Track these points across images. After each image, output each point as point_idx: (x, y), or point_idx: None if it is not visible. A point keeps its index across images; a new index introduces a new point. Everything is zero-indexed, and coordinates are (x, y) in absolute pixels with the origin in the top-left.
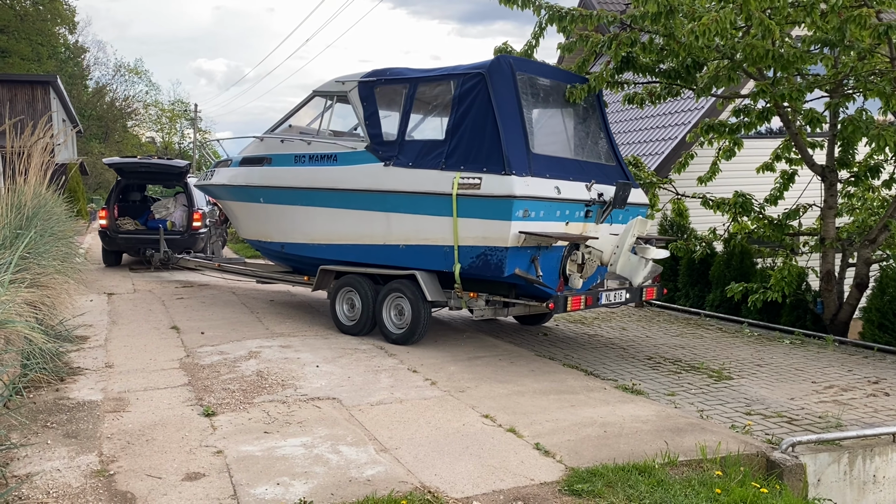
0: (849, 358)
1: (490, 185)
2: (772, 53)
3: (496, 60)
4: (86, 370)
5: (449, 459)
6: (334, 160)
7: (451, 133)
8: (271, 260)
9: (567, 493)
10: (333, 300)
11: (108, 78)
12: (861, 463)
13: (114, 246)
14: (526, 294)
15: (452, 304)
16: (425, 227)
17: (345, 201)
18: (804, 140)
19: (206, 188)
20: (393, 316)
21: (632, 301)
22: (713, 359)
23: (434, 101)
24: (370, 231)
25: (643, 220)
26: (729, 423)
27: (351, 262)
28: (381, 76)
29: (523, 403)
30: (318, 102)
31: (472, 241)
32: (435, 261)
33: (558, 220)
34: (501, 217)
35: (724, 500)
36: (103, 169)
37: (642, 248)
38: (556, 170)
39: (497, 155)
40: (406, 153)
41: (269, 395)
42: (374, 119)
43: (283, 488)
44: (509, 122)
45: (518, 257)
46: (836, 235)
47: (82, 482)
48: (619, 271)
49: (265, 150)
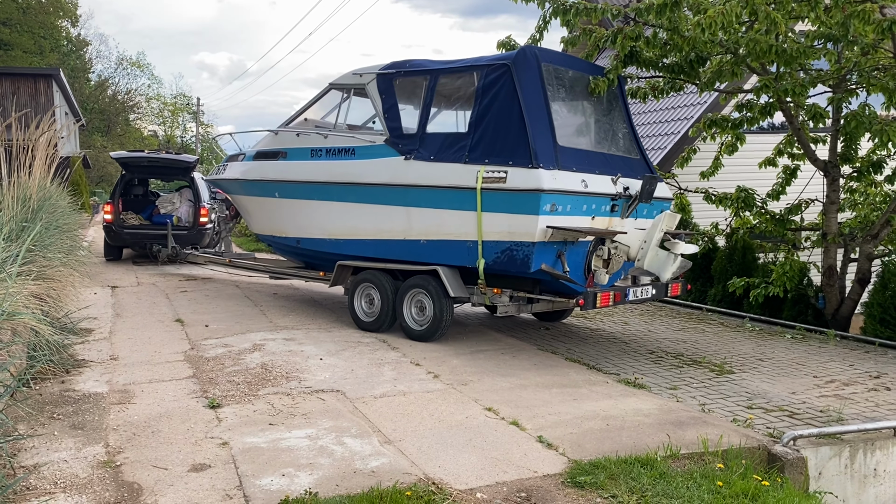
0: (850, 353)
1: (516, 179)
2: (775, 48)
3: (521, 51)
4: (91, 362)
5: (452, 452)
6: (352, 154)
7: (475, 126)
8: (284, 255)
9: (570, 486)
10: (352, 296)
11: (111, 71)
12: (862, 457)
13: (119, 241)
14: (550, 290)
15: (475, 300)
16: (448, 221)
17: (363, 196)
18: (807, 135)
19: (217, 183)
20: (414, 312)
21: (658, 297)
22: (715, 353)
23: (456, 94)
24: (390, 226)
25: (672, 215)
26: (730, 417)
27: (370, 257)
28: (401, 68)
29: (526, 397)
30: (334, 95)
31: (497, 235)
32: (458, 256)
33: (585, 214)
34: (528, 211)
35: (725, 492)
36: (105, 162)
37: (671, 244)
38: (582, 163)
39: (524, 148)
40: (427, 146)
41: (273, 388)
42: (394, 112)
43: (288, 479)
44: (535, 115)
45: (545, 252)
46: (838, 231)
47: (89, 473)
48: (647, 267)
49: (280, 143)
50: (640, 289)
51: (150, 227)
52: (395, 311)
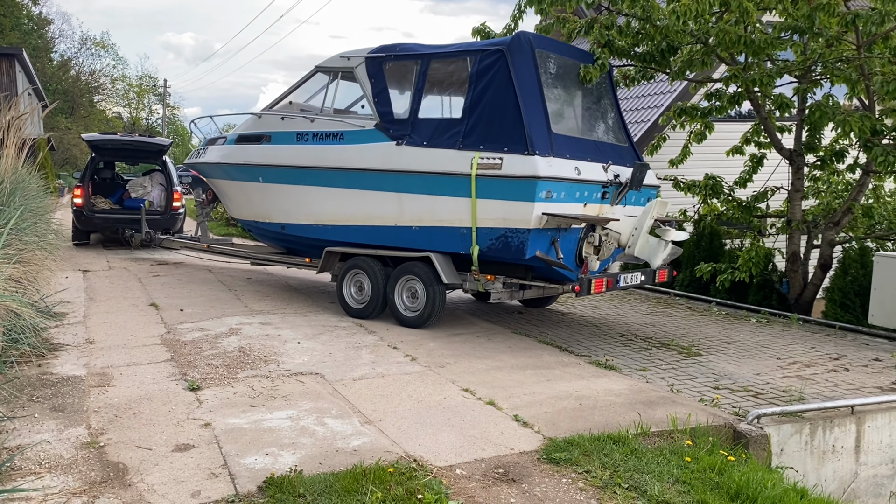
0: (812, 336)
1: (512, 166)
2: (744, 39)
3: (516, 37)
4: (67, 346)
5: (432, 431)
6: (340, 138)
7: (469, 111)
8: (266, 241)
9: (546, 462)
10: (340, 283)
11: (74, 51)
12: (821, 434)
13: (89, 225)
14: (542, 277)
15: (468, 287)
16: (441, 207)
17: (353, 181)
18: (773, 124)
19: (196, 166)
20: (405, 299)
21: (646, 283)
22: (683, 336)
23: (449, 79)
24: (380, 212)
25: (663, 202)
26: (698, 397)
27: (359, 243)
28: (391, 52)
29: (501, 378)
30: (320, 79)
31: (492, 222)
32: (451, 243)
33: (577, 201)
34: (524, 198)
35: (693, 467)
36: (70, 144)
37: (662, 230)
38: (574, 150)
39: (519, 134)
40: (419, 132)
41: (252, 371)
42: (384, 96)
43: (272, 458)
44: (530, 101)
45: (539, 239)
46: (802, 218)
47: (73, 453)
48: (638, 253)
49: (264, 127)
50: (630, 275)
51: (122, 211)
52: (385, 297)
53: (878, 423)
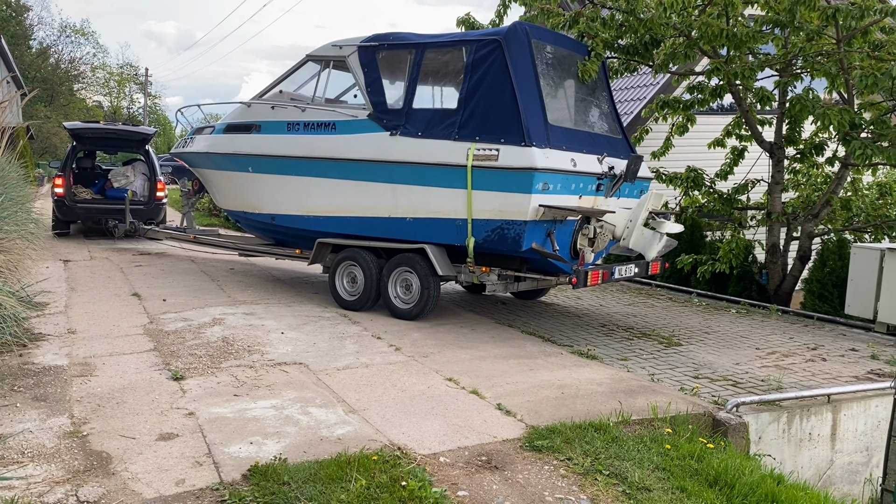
0: (790, 326)
1: (508, 157)
2: (726, 32)
3: (513, 27)
4: (48, 336)
5: (415, 419)
6: (332, 128)
7: (465, 102)
8: (254, 232)
9: (528, 449)
10: (333, 275)
11: (53, 39)
12: (798, 422)
13: (70, 216)
14: (536, 268)
15: (463, 279)
16: (436, 199)
17: (345, 172)
18: (754, 117)
19: (183, 156)
20: (400, 291)
21: (640, 275)
22: (664, 326)
23: (444, 69)
24: (374, 203)
25: (658, 195)
26: (678, 386)
27: (351, 235)
28: (384, 41)
29: (485, 367)
30: (311, 68)
31: (488, 214)
32: (446, 234)
33: (573, 193)
34: (521, 190)
35: (673, 454)
36: (49, 133)
37: (658, 223)
38: (570, 142)
39: (516, 126)
40: (414, 122)
41: (236, 361)
42: (377, 86)
43: (256, 447)
44: (527, 92)
45: (536, 231)
46: (781, 210)
47: (56, 443)
48: (632, 245)
49: (253, 116)
50: (625, 267)
51: (105, 201)
52: (378, 289)
53: (854, 411)
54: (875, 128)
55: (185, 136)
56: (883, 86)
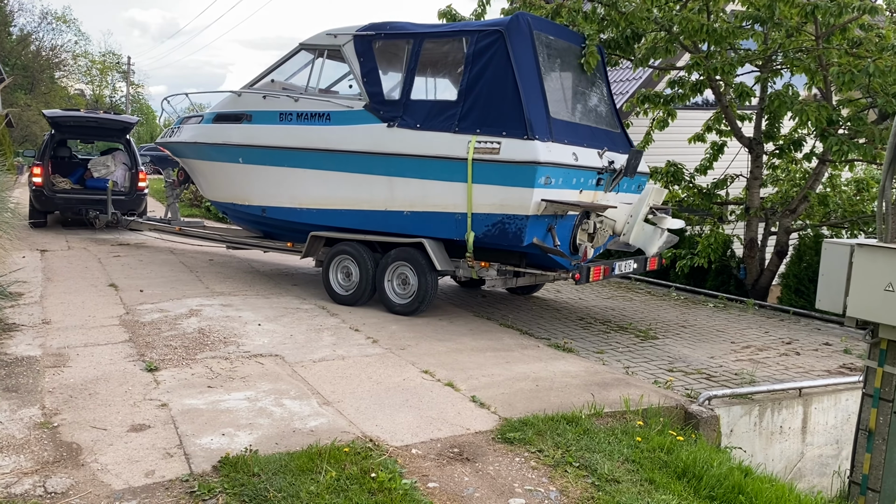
0: (767, 320)
1: (510, 150)
2: (706, 27)
3: (515, 17)
4: (22, 326)
5: (389, 411)
6: (327, 119)
7: (465, 94)
8: (242, 224)
9: (500, 441)
10: (326, 269)
11: (34, 26)
12: (770, 415)
13: (49, 206)
14: (535, 264)
15: (461, 274)
16: (434, 192)
17: (340, 163)
18: (734, 112)
19: (169, 146)
20: (396, 286)
21: (638, 271)
22: (641, 320)
23: (443, 60)
24: (369, 196)
25: (659, 190)
26: (652, 379)
27: (345, 228)
28: (381, 30)
29: (461, 360)
30: (304, 57)
31: (488, 208)
32: (445, 228)
33: (573, 188)
34: (523, 184)
35: (643, 446)
36: (30, 122)
37: (659, 218)
38: (571, 135)
39: (518, 118)
40: (412, 114)
41: (211, 352)
42: (374, 76)
43: (228, 438)
44: (529, 84)
45: (537, 226)
46: (760, 205)
47: (26, 433)
48: (633, 241)
49: (244, 106)
50: (625, 263)
51: (85, 191)
52: (374, 284)
53: (825, 404)
54: (852, 124)
55: (171, 126)
56: (859, 83)
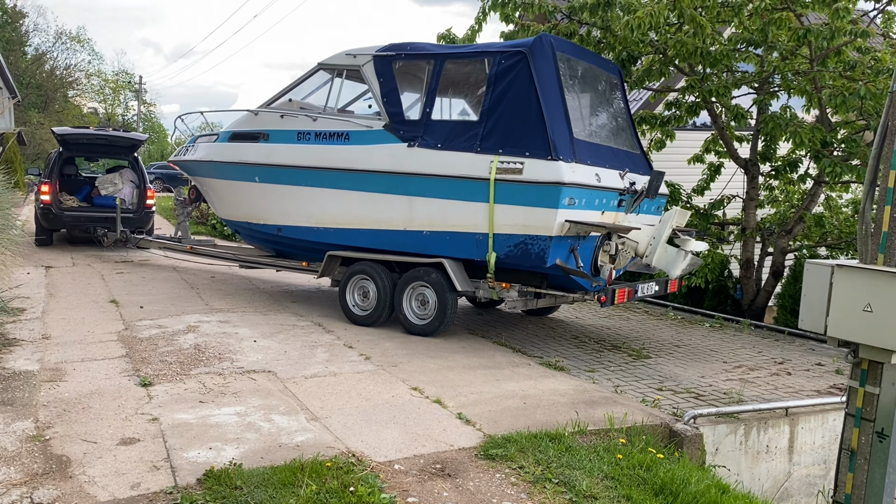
0: (761, 341)
1: (534, 171)
2: (700, 50)
3: (538, 39)
4: (22, 341)
5: (376, 427)
6: (346, 139)
7: (487, 114)
8: (255, 243)
9: (482, 458)
10: (343, 289)
11: (49, 45)
12: (756, 434)
13: (57, 224)
14: (556, 285)
15: (481, 294)
16: (455, 212)
17: (359, 183)
18: (731, 134)
19: (182, 164)
20: (415, 306)
21: (659, 293)
22: (635, 339)
23: (465, 81)
24: (388, 215)
25: (682, 212)
26: (641, 398)
27: (363, 247)
28: (401, 51)
29: (451, 377)
30: (322, 76)
31: (511, 228)
32: (465, 248)
33: (596, 209)
34: (547, 204)
35: (624, 464)
36: (42, 139)
37: (682, 240)
38: (594, 156)
39: (541, 139)
40: (433, 134)
41: (205, 368)
42: (394, 96)
43: (214, 452)
44: (552, 105)
45: (560, 247)
46: (756, 226)
47: (18, 446)
48: (656, 263)
49: (261, 125)
50: (647, 285)
51: (93, 209)
52: (392, 304)
53: (812, 424)
54: (846, 146)
55: (184, 144)
56: (852, 105)
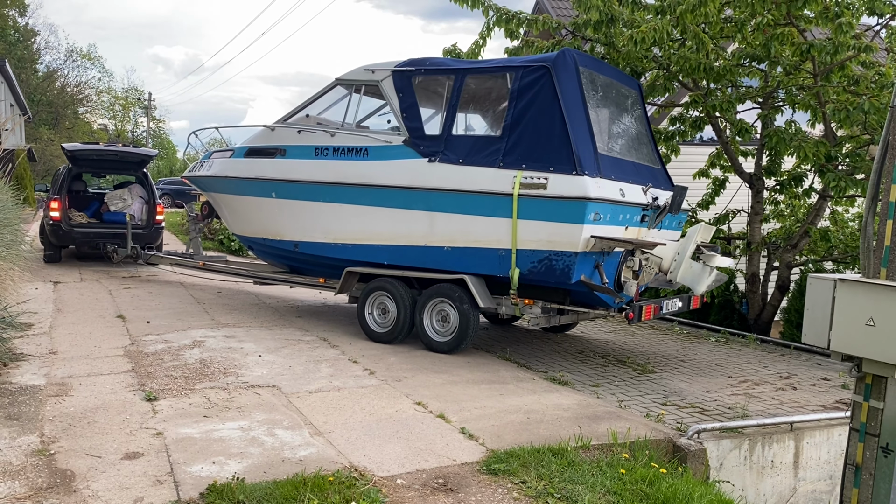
0: (767, 355)
1: (558, 186)
2: (704, 66)
3: (562, 53)
4: (29, 356)
5: (379, 442)
6: (365, 154)
7: (510, 129)
8: (269, 259)
9: (485, 472)
10: (362, 305)
11: (60, 63)
12: (760, 449)
13: (67, 241)
14: (578, 301)
15: (503, 311)
16: (477, 228)
17: (378, 198)
18: (736, 149)
19: (197, 180)
20: (436, 323)
21: (682, 310)
22: (640, 354)
23: (487, 95)
24: (408, 231)
25: (707, 227)
26: (645, 413)
27: (382, 263)
28: (421, 66)
29: (455, 392)
30: (339, 92)
31: (535, 244)
32: (487, 264)
33: (619, 224)
34: (572, 220)
35: (626, 479)
36: (52, 156)
37: (707, 256)
38: (617, 171)
39: (566, 153)
40: (454, 149)
41: (210, 383)
42: (414, 111)
43: (218, 467)
44: (577, 119)
45: (585, 263)
46: (761, 240)
47: (23, 460)
48: (680, 279)
49: (277, 140)
50: (671, 301)
51: (103, 225)
52: (412, 321)
53: (817, 439)
54: (850, 160)
55: (198, 160)
56: (855, 119)
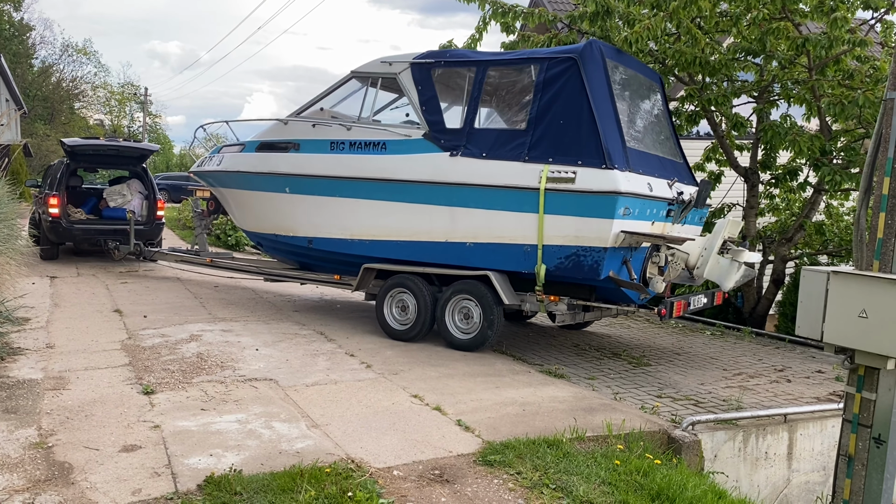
0: (762, 348)
1: (587, 180)
2: (699, 60)
3: (589, 44)
4: (26, 350)
5: (376, 434)
6: (383, 148)
7: (535, 122)
8: (280, 256)
9: (480, 464)
10: (381, 302)
11: (55, 58)
12: (754, 441)
13: (66, 237)
14: (604, 298)
15: (528, 308)
16: (501, 223)
17: (397, 193)
18: (731, 143)
19: (205, 175)
20: (458, 320)
21: (707, 306)
22: (636, 347)
23: (510, 88)
24: (428, 226)
25: (735, 222)
26: (640, 405)
27: (401, 259)
28: (440, 58)
29: (452, 385)
30: (354, 85)
31: (562, 239)
32: (512, 260)
33: (647, 219)
34: (602, 215)
35: (621, 470)
36: (48, 151)
37: (735, 251)
38: (645, 165)
39: (594, 147)
40: (476, 143)
41: (207, 376)
42: (433, 104)
43: (215, 459)
44: (604, 112)
45: (614, 259)
46: (756, 234)
47: (21, 453)
48: (707, 275)
49: (290, 134)
50: (696, 297)
51: (103, 221)
52: (433, 318)
53: (810, 431)
54: (845, 154)
55: (206, 154)
56: (850, 113)
